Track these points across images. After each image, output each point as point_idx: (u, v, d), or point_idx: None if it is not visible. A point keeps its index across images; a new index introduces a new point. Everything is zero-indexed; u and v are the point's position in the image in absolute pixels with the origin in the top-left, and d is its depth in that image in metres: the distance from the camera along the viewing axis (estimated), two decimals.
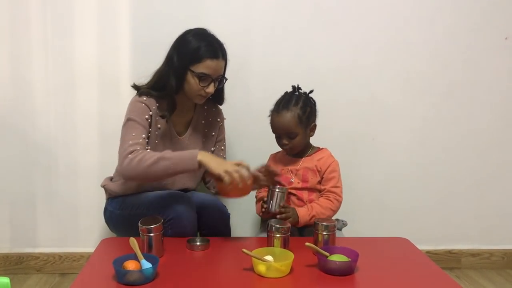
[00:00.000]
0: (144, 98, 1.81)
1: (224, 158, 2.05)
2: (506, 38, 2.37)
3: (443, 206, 2.51)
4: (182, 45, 1.79)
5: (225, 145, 2.08)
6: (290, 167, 1.90)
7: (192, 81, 1.77)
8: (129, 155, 1.66)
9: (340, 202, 1.87)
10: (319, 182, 1.88)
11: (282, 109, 1.84)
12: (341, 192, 1.88)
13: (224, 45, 1.81)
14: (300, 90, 1.90)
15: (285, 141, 1.85)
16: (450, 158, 2.47)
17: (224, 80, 1.86)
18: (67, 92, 2.28)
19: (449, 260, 2.53)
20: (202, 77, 1.75)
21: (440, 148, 2.46)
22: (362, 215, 2.39)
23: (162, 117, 1.83)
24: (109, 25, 2.25)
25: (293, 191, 1.87)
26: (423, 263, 1.60)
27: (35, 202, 2.35)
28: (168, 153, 1.65)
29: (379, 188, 2.46)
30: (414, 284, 1.43)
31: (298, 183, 1.88)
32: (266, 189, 1.95)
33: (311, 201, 1.87)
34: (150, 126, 1.81)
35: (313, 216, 1.78)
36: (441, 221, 2.52)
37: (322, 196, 1.87)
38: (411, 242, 1.78)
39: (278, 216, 1.74)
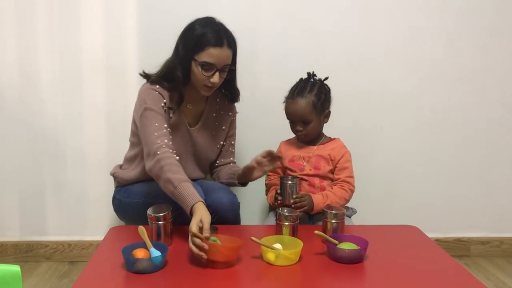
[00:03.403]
0: (157, 86, 1.78)
1: (233, 152, 2.04)
2: None
3: (452, 194, 2.49)
4: (188, 34, 1.75)
5: (235, 139, 2.05)
6: (302, 154, 1.90)
7: (196, 71, 1.72)
8: (158, 154, 1.63)
9: (353, 192, 1.88)
10: (331, 171, 1.88)
11: (297, 95, 1.83)
12: (354, 182, 1.88)
13: (233, 34, 1.76)
14: (315, 77, 1.89)
15: (299, 128, 1.85)
16: (459, 146, 2.45)
17: (232, 70, 1.81)
18: (74, 81, 2.27)
19: (459, 248, 2.52)
20: (205, 66, 1.70)
21: (449, 137, 2.44)
22: (371, 203, 2.38)
23: (170, 108, 1.80)
24: (116, 14, 2.24)
25: (305, 177, 1.88)
26: (433, 251, 1.60)
27: (44, 190, 2.36)
28: (180, 180, 1.58)
29: (388, 177, 2.44)
30: (423, 272, 1.42)
31: (310, 170, 1.88)
32: (274, 175, 1.95)
33: (322, 187, 1.87)
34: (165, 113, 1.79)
35: (328, 204, 1.77)
36: (451, 209, 2.51)
37: (336, 185, 1.87)
38: (421, 230, 1.77)
39: (293, 206, 1.74)
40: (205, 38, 1.69)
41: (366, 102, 2.37)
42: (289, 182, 1.78)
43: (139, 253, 1.38)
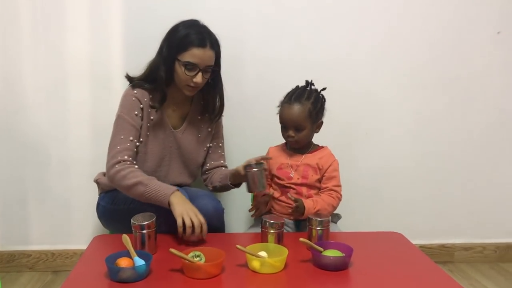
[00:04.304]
0: (135, 91, 1.80)
1: (223, 155, 2.04)
2: (498, 33, 2.38)
3: (436, 200, 2.51)
4: (172, 35, 1.78)
5: (223, 142, 2.05)
6: (290, 162, 1.90)
7: (179, 71, 1.75)
8: (116, 166, 1.71)
9: (340, 200, 1.88)
10: (318, 180, 1.88)
11: (295, 101, 1.83)
12: (341, 191, 1.89)
13: (216, 36, 1.79)
14: (312, 86, 1.89)
15: (291, 133, 1.84)
16: (443, 152, 2.47)
17: (216, 71, 1.82)
18: (59, 87, 2.25)
19: (443, 254, 2.54)
20: (188, 66, 1.73)
21: (433, 143, 2.46)
22: (356, 209, 2.40)
23: (153, 107, 1.82)
24: (101, 20, 2.22)
25: (293, 186, 1.87)
26: (417, 258, 1.61)
27: (27, 199, 2.33)
28: (149, 179, 1.68)
29: (373, 182, 2.46)
30: (408, 279, 1.43)
31: (298, 178, 1.87)
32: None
33: (309, 196, 1.87)
34: (142, 119, 1.80)
35: (318, 210, 1.79)
36: (435, 215, 2.53)
37: (324, 193, 1.87)
38: (405, 236, 1.78)
39: (289, 211, 1.76)
40: (188, 39, 1.73)
41: (351, 108, 2.39)
42: (254, 169, 1.73)
43: (123, 262, 1.36)
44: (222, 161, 2.03)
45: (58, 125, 2.28)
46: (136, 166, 1.75)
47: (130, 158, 1.75)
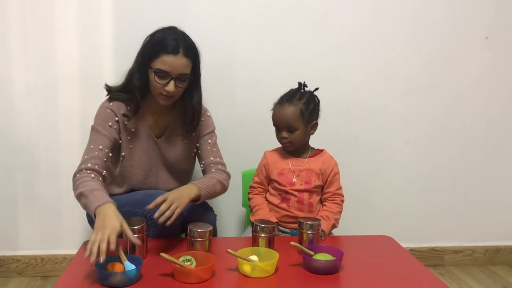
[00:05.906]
0: (111, 104, 1.75)
1: (214, 151, 1.91)
2: (486, 38, 2.41)
3: (426, 204, 2.53)
4: (147, 41, 1.73)
5: (214, 138, 1.93)
6: (292, 167, 1.87)
7: (151, 78, 1.68)
8: (77, 175, 1.66)
9: (343, 202, 1.90)
10: (320, 186, 1.87)
11: (285, 102, 1.82)
12: (342, 191, 1.91)
13: (195, 44, 1.71)
14: (305, 88, 1.88)
15: (284, 135, 1.83)
16: (432, 156, 2.49)
17: (192, 79, 1.73)
18: (48, 91, 2.24)
19: (433, 258, 2.56)
20: (158, 73, 1.65)
21: (422, 147, 2.48)
22: (346, 213, 2.37)
23: (125, 116, 1.76)
24: (91, 23, 2.22)
25: (295, 193, 1.84)
26: (407, 261, 1.61)
27: (16, 203, 2.31)
28: (91, 191, 1.57)
29: (363, 187, 2.47)
30: (398, 282, 1.44)
31: (301, 184, 1.84)
32: (259, 190, 1.94)
33: (310, 204, 1.85)
34: (119, 132, 1.76)
35: (333, 224, 1.82)
36: (425, 219, 2.54)
37: (327, 201, 1.87)
38: (395, 240, 1.79)
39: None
40: (160, 45, 1.66)
41: (342, 113, 2.40)
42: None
43: (113, 267, 1.36)
44: (211, 158, 1.88)
45: (48, 128, 2.27)
46: (92, 176, 1.64)
47: (96, 167, 1.68)
